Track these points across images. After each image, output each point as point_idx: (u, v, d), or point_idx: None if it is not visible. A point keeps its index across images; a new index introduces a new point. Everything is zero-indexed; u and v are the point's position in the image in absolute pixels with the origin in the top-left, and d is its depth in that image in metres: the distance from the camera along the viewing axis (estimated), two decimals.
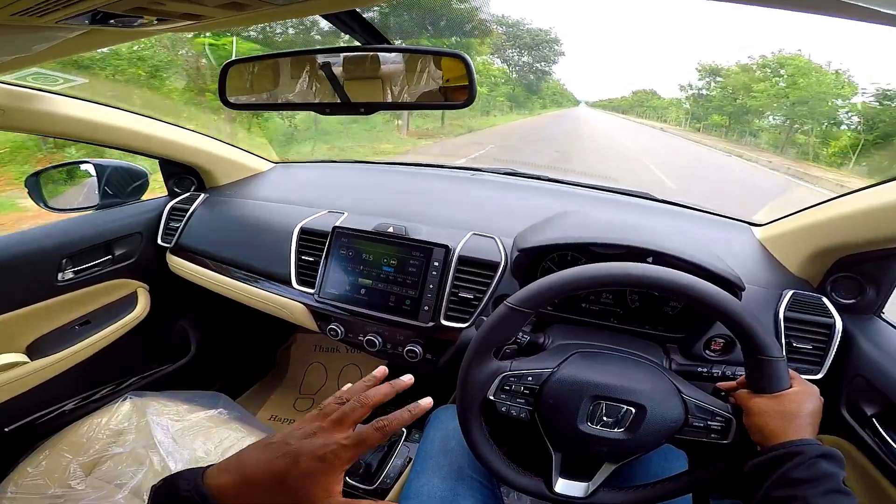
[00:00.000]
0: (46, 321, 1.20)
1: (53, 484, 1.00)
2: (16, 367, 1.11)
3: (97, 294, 1.30)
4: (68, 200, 1.29)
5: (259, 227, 1.28)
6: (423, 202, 1.30)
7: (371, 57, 0.72)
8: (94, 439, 1.08)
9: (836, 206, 0.94)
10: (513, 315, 0.68)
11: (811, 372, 0.89)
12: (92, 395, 1.31)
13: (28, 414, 1.18)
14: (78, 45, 0.58)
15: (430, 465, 0.88)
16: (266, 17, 0.50)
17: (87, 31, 0.53)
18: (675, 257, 0.84)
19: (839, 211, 0.92)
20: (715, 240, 1.13)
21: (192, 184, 1.49)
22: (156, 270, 1.41)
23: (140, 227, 1.37)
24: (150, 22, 0.49)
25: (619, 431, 0.68)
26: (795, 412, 0.61)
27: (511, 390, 0.71)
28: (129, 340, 1.36)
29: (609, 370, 0.72)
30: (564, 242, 0.94)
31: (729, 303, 0.63)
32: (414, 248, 1.04)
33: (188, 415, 1.15)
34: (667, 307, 0.96)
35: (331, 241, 1.09)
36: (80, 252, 1.23)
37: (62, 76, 1.08)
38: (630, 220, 1.14)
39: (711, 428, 0.68)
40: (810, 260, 0.98)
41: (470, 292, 1.01)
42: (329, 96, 0.74)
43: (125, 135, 1.22)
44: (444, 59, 0.72)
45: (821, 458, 0.56)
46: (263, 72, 0.77)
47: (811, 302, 0.92)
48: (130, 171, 1.36)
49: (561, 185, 1.47)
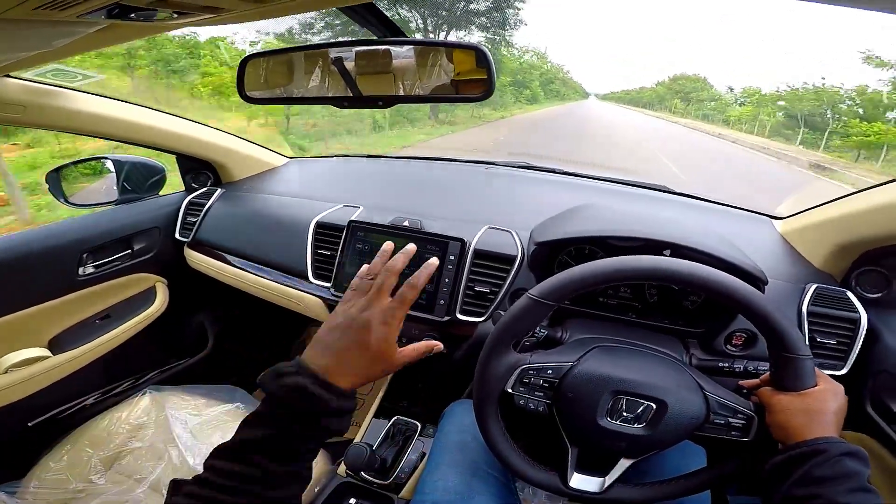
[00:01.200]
0: (68, 316, 1.22)
1: (74, 478, 1.02)
2: (38, 361, 1.13)
3: (117, 288, 1.32)
4: (88, 196, 1.30)
5: (275, 221, 1.28)
6: (438, 196, 1.30)
7: (383, 52, 0.72)
8: (115, 434, 1.10)
9: (862, 198, 0.92)
10: (535, 307, 0.67)
11: (835, 367, 0.88)
12: (112, 390, 1.33)
13: (50, 408, 1.19)
14: (98, 41, 0.58)
15: (446, 460, 0.88)
16: (285, 10, 0.50)
17: (106, 26, 0.53)
18: (696, 250, 0.82)
19: (864, 203, 0.90)
20: (735, 233, 1.11)
21: (208, 179, 1.50)
22: (174, 265, 1.42)
23: (158, 221, 1.38)
24: (170, 16, 0.49)
25: (639, 427, 0.67)
26: (820, 410, 0.60)
27: (530, 383, 0.71)
28: (147, 335, 1.38)
29: (630, 365, 0.71)
30: (582, 236, 0.93)
31: (755, 297, 0.62)
32: (429, 242, 1.03)
33: (206, 409, 1.17)
34: (686, 301, 0.95)
35: (347, 236, 1.10)
36: (100, 247, 1.24)
37: (81, 72, 1.09)
38: (647, 213, 1.12)
39: (732, 425, 0.67)
40: (834, 253, 0.96)
41: (486, 286, 1.01)
42: (341, 90, 0.73)
43: (143, 131, 1.23)
44: (455, 52, 0.71)
45: (845, 455, 0.55)
46: (280, 67, 0.77)
47: (835, 296, 0.91)
48: (148, 167, 1.37)
49: (576, 178, 1.46)
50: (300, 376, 0.52)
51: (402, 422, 1.17)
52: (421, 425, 1.15)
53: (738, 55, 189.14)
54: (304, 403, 0.51)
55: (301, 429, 0.51)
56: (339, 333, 0.57)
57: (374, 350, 0.56)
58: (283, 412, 0.51)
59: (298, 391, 0.51)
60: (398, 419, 1.18)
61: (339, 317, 0.59)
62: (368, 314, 0.57)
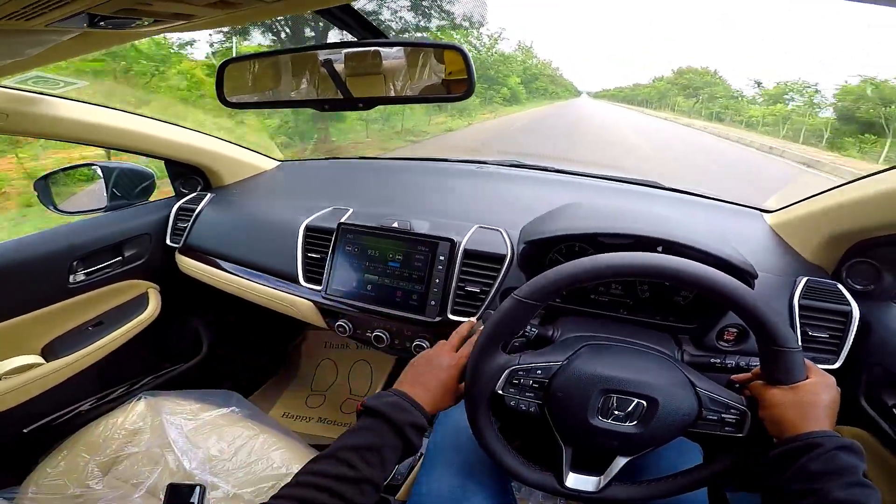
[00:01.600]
0: (60, 323, 1.22)
1: (72, 484, 1.01)
2: (32, 368, 1.13)
3: (109, 295, 1.32)
4: (77, 203, 1.30)
5: (265, 225, 1.28)
6: (427, 196, 1.30)
7: (372, 53, 0.71)
8: (111, 439, 1.10)
9: (851, 189, 0.92)
10: (520, 308, 0.67)
11: (828, 361, 0.87)
12: (107, 396, 1.33)
13: (45, 415, 1.19)
14: (73, 49, 0.58)
15: (440, 461, 0.88)
16: (258, 15, 0.49)
17: (80, 34, 0.53)
18: (685, 246, 0.82)
19: (854, 195, 0.90)
20: (725, 227, 1.10)
21: (198, 184, 1.49)
22: (165, 271, 1.42)
23: (149, 228, 1.38)
24: (142, 23, 0.49)
25: (631, 425, 0.67)
26: (812, 403, 0.60)
27: (520, 384, 0.70)
28: (141, 341, 1.38)
29: (620, 363, 0.71)
30: (572, 233, 0.93)
31: (741, 292, 0.61)
32: (419, 243, 1.03)
33: (201, 413, 1.16)
34: (678, 297, 0.95)
35: (336, 238, 1.09)
36: (90, 254, 1.24)
37: (63, 80, 1.08)
38: (638, 210, 1.12)
39: (726, 421, 0.66)
40: (824, 245, 0.96)
41: (477, 286, 1.00)
42: (330, 93, 0.73)
43: (130, 137, 1.22)
44: (446, 53, 0.71)
45: (840, 449, 0.54)
46: (262, 70, 0.76)
47: (826, 289, 0.90)
48: (137, 173, 1.37)
49: (567, 175, 1.46)
50: (397, 396, 0.67)
51: None
52: None
53: (738, 54, 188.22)
54: (398, 415, 0.65)
55: (392, 436, 0.64)
56: (421, 374, 0.74)
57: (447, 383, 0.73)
58: (380, 422, 0.64)
59: (396, 406, 0.66)
60: None
61: (422, 359, 0.77)
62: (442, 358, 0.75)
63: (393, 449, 0.63)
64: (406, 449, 0.65)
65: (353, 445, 0.61)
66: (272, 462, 1.04)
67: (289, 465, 1.03)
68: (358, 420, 0.66)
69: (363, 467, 0.59)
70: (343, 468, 0.58)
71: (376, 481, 0.60)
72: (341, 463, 0.59)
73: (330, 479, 0.57)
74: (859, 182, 0.91)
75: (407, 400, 0.67)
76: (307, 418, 1.77)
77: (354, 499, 0.57)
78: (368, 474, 0.59)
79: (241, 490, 0.98)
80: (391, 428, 0.64)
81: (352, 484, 0.58)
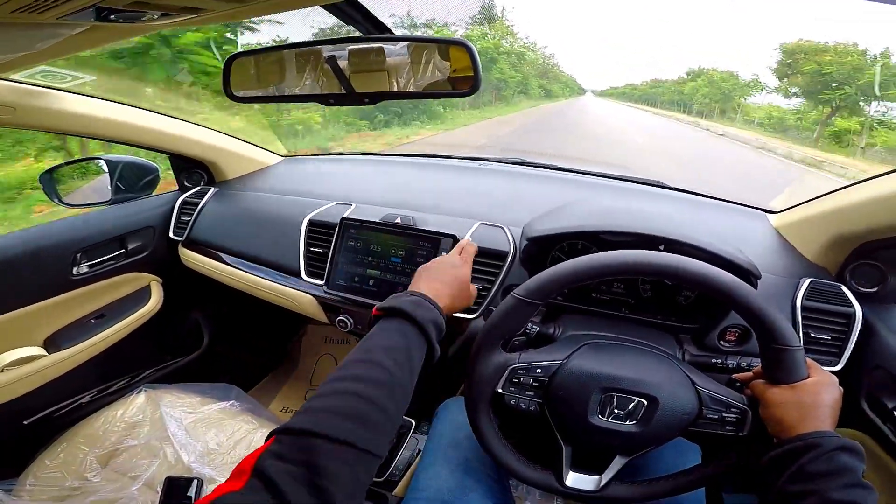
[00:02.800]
0: (62, 315, 1.22)
1: (70, 476, 1.02)
2: (33, 360, 1.13)
3: (111, 288, 1.32)
4: (82, 196, 1.30)
5: (268, 219, 1.28)
6: (431, 193, 1.30)
7: (376, 49, 0.72)
8: (110, 432, 1.10)
9: (855, 191, 0.91)
10: (520, 306, 0.67)
11: (830, 363, 0.87)
12: (107, 388, 1.34)
13: (46, 407, 1.20)
14: (82, 42, 0.58)
15: (439, 458, 0.88)
16: (267, 9, 0.49)
17: (89, 28, 0.53)
18: (688, 245, 0.82)
19: (858, 197, 0.90)
20: (729, 227, 1.10)
21: (202, 178, 1.50)
22: (168, 264, 1.42)
23: (152, 221, 1.38)
24: (151, 17, 0.49)
25: (631, 424, 0.67)
26: (813, 403, 0.59)
27: (520, 383, 0.70)
28: (143, 333, 1.38)
29: (620, 361, 0.71)
30: (574, 231, 0.93)
31: (742, 290, 0.61)
32: (422, 239, 1.04)
33: (201, 407, 1.17)
34: (680, 296, 0.95)
35: (339, 233, 1.10)
36: (94, 246, 1.24)
37: (70, 73, 1.08)
38: (641, 208, 1.12)
39: (726, 420, 0.66)
40: (828, 247, 0.96)
41: (479, 282, 1.00)
42: (334, 88, 0.73)
43: (135, 131, 1.22)
44: (451, 49, 0.71)
45: (839, 450, 0.54)
46: (268, 65, 0.77)
47: (829, 291, 0.90)
48: (141, 167, 1.37)
49: (570, 173, 1.45)
50: (414, 295, 0.67)
51: None
52: (415, 422, 1.16)
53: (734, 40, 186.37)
54: (422, 312, 0.63)
55: (416, 336, 0.62)
56: (435, 270, 0.76)
57: (462, 283, 0.77)
58: (403, 321, 0.62)
59: (418, 304, 0.65)
60: None
61: (434, 262, 0.80)
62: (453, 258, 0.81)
63: (419, 350, 0.61)
64: (430, 350, 0.63)
65: (383, 346, 0.58)
66: None
67: None
68: (378, 323, 0.63)
69: (395, 370, 0.56)
70: (375, 371, 0.55)
71: (406, 385, 0.57)
72: (374, 365, 0.55)
73: (361, 382, 0.53)
74: (864, 184, 0.91)
75: (426, 299, 0.67)
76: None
77: (387, 406, 0.53)
78: (400, 377, 0.56)
79: None
80: (414, 326, 0.62)
81: (384, 388, 0.54)
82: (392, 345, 0.58)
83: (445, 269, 0.76)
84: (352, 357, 0.57)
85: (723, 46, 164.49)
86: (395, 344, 0.59)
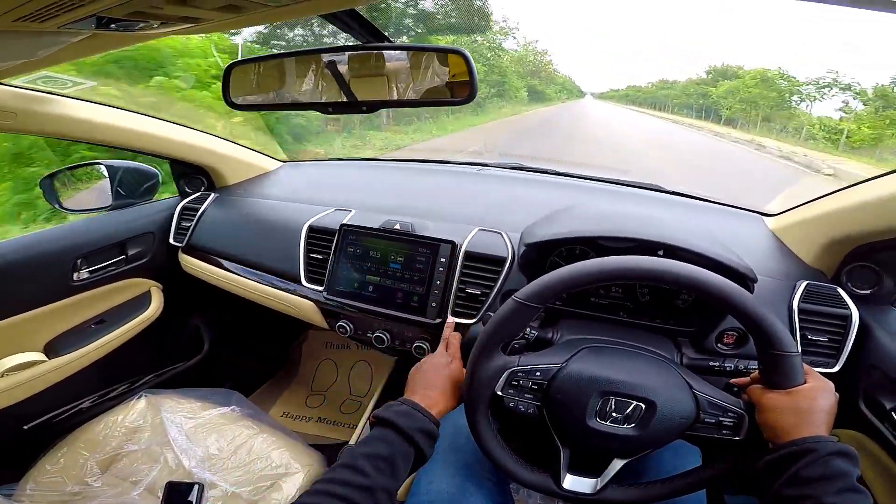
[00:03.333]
0: (63, 320, 1.22)
1: (71, 481, 1.02)
2: (34, 366, 1.13)
3: (112, 293, 1.32)
4: (82, 202, 1.31)
5: (268, 225, 1.29)
6: (429, 198, 1.30)
7: (376, 55, 0.72)
8: (110, 437, 1.10)
9: (851, 194, 0.92)
10: (521, 310, 0.67)
11: (827, 365, 0.88)
12: (108, 394, 1.34)
13: (46, 412, 1.20)
14: (82, 50, 0.59)
15: (439, 462, 0.88)
16: (264, 19, 0.50)
17: (90, 36, 0.54)
18: (685, 249, 0.83)
19: (854, 199, 0.90)
20: (726, 231, 1.11)
21: (202, 184, 1.50)
22: (168, 270, 1.42)
23: (153, 226, 1.38)
24: (150, 25, 0.50)
25: (629, 427, 0.68)
26: (809, 409, 0.60)
27: (519, 385, 0.71)
28: (143, 339, 1.38)
29: (618, 365, 0.71)
30: (572, 236, 0.94)
31: (740, 296, 0.62)
32: (421, 245, 1.04)
33: (201, 412, 1.17)
34: (677, 300, 0.95)
35: (339, 239, 1.10)
36: (94, 252, 1.24)
37: (71, 79, 1.09)
38: (639, 213, 1.13)
39: (723, 424, 0.67)
40: (825, 250, 0.96)
41: (477, 288, 1.01)
42: (334, 95, 0.74)
43: (135, 136, 1.23)
44: (450, 56, 0.71)
45: (834, 455, 0.55)
46: (267, 72, 0.77)
47: (826, 293, 0.91)
48: (142, 172, 1.37)
49: (568, 178, 1.46)
50: (405, 405, 0.70)
51: None
52: None
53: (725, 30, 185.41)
54: (407, 421, 0.67)
55: (402, 444, 0.66)
56: (428, 376, 0.79)
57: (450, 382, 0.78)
58: (390, 431, 0.67)
59: (404, 413, 0.69)
60: None
61: (424, 364, 0.82)
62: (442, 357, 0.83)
63: (404, 456, 0.66)
64: (418, 455, 0.68)
65: (365, 454, 0.64)
66: (271, 461, 1.04)
67: (288, 465, 1.04)
68: (371, 431, 0.70)
69: (375, 475, 0.61)
70: (357, 476, 0.61)
71: (389, 489, 0.63)
72: (356, 471, 0.61)
73: (345, 486, 0.60)
74: (859, 186, 0.91)
75: (415, 407, 0.70)
76: (307, 418, 1.77)
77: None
78: (381, 482, 0.62)
79: (239, 489, 0.99)
80: (400, 435, 0.67)
81: (365, 492, 0.60)
82: (375, 452, 0.64)
83: (438, 372, 0.79)
84: (340, 461, 0.64)
85: (711, 35, 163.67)
86: (379, 452, 0.64)
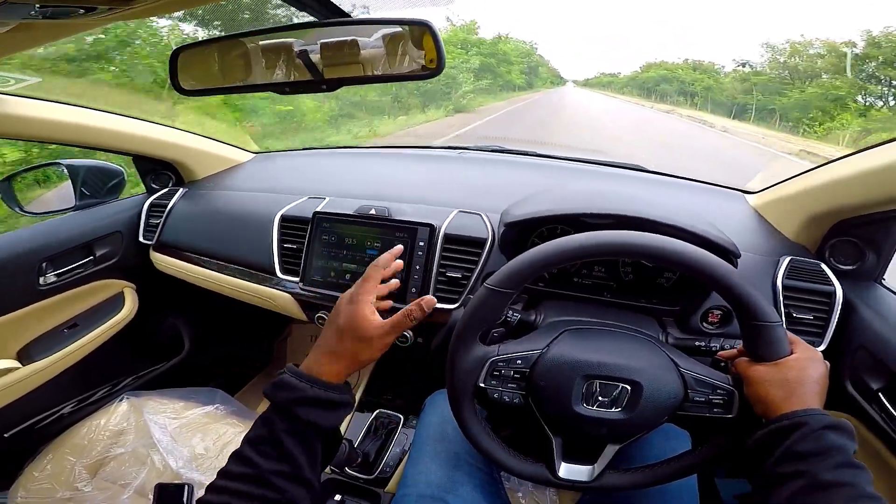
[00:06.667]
0: (34, 326, 1.19)
1: (61, 487, 1.02)
2: (8, 373, 1.10)
3: (82, 296, 1.28)
4: (45, 204, 1.26)
5: (240, 217, 1.24)
6: (408, 183, 1.27)
7: (350, 41, 0.67)
8: (96, 441, 1.10)
9: (831, 169, 0.91)
10: (493, 297, 0.64)
11: (813, 344, 0.87)
12: (89, 397, 1.31)
13: (26, 419, 1.18)
14: (9, 44, 0.54)
15: (427, 452, 0.86)
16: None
17: (14, 28, 0.50)
18: (667, 225, 0.80)
19: (834, 174, 0.89)
20: (708, 208, 1.10)
21: (170, 179, 1.45)
22: (141, 269, 1.38)
23: (120, 225, 1.33)
24: (77, 12, 0.46)
25: (617, 411, 0.66)
26: (798, 379, 0.57)
27: (501, 375, 0.68)
28: (120, 341, 1.35)
29: (601, 347, 0.69)
30: (551, 214, 0.91)
31: (721, 268, 0.60)
32: (398, 229, 1.01)
33: (185, 412, 1.16)
34: (661, 279, 0.94)
35: (312, 228, 1.06)
36: (59, 254, 1.20)
37: (13, 76, 1.03)
38: (620, 191, 1.11)
39: (714, 402, 0.65)
40: (807, 225, 0.95)
41: (458, 271, 0.99)
42: (293, 74, 0.69)
43: (92, 133, 1.17)
44: (424, 40, 0.67)
45: (828, 428, 0.52)
46: (215, 56, 0.72)
47: (809, 269, 0.90)
48: (106, 170, 1.32)
49: (550, 159, 1.44)
50: (285, 373, 0.58)
51: (385, 415, 1.16)
52: (404, 418, 1.15)
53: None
54: (283, 393, 0.56)
55: (282, 420, 0.55)
56: (324, 332, 0.64)
57: (346, 330, 0.62)
58: (270, 408, 0.57)
59: (280, 385, 0.57)
60: (381, 412, 1.17)
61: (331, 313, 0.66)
62: (339, 301, 0.66)
63: (290, 433, 0.55)
64: (307, 430, 0.56)
65: (250, 439, 0.56)
66: None
67: None
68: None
69: (262, 461, 0.54)
70: (244, 467, 0.54)
71: (286, 472, 0.54)
72: (242, 461, 0.54)
73: (235, 480, 0.53)
74: (839, 162, 0.90)
75: (295, 374, 0.58)
76: None
77: (266, 495, 0.53)
78: (269, 467, 0.53)
79: None
80: (277, 412, 0.56)
81: (256, 481, 0.53)
82: (257, 435, 0.56)
83: (332, 323, 0.64)
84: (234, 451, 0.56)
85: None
86: (261, 434, 0.56)
